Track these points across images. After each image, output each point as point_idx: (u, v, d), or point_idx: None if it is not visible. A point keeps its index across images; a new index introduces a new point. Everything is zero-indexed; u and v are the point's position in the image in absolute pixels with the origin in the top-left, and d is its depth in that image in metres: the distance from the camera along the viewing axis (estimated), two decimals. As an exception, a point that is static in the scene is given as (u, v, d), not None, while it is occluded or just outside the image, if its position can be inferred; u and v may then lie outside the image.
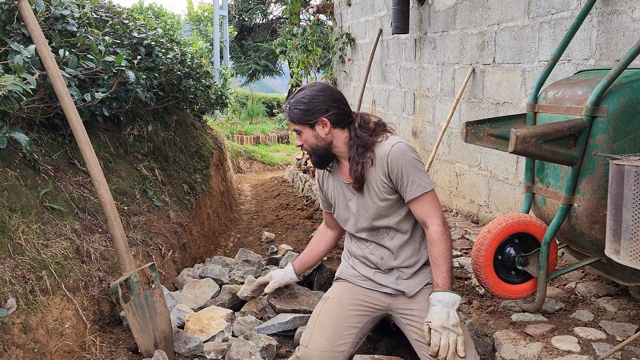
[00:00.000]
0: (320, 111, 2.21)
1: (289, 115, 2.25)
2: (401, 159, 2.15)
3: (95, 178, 2.45)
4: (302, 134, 2.25)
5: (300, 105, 2.22)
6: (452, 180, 4.62)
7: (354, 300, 2.27)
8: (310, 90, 2.24)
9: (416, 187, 2.15)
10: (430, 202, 2.17)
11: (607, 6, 2.76)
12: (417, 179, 2.15)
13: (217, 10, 12.20)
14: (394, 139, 2.22)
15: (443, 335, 2.00)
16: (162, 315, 2.50)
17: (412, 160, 2.16)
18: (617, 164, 1.82)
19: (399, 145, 2.17)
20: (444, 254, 2.12)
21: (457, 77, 4.45)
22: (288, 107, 2.26)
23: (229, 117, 11.53)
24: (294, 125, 2.27)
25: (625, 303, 2.57)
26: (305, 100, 2.21)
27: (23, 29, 2.55)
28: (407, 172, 2.14)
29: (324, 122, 2.22)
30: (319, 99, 2.22)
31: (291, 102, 2.25)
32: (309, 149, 2.27)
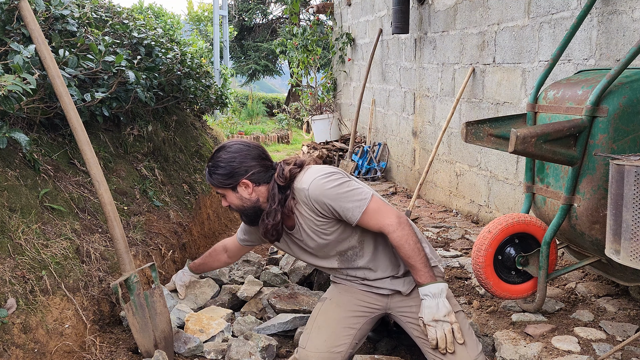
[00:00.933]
0: (239, 173, 2.16)
1: (209, 181, 2.23)
2: (323, 195, 2.08)
3: (95, 178, 2.45)
4: (227, 197, 2.22)
5: (218, 169, 2.17)
6: (452, 180, 4.62)
7: (352, 301, 2.27)
8: (226, 152, 2.18)
9: (352, 211, 2.07)
10: (374, 214, 2.09)
11: (607, 6, 2.76)
12: (349, 203, 2.07)
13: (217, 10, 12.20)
14: (306, 178, 2.14)
15: (437, 328, 2.00)
16: (162, 315, 2.50)
17: (333, 191, 2.08)
18: (617, 164, 1.82)
19: (313, 184, 2.09)
20: (411, 255, 2.06)
21: (457, 77, 4.45)
22: (207, 172, 2.22)
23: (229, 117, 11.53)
24: (216, 189, 2.24)
25: (625, 303, 2.57)
26: (222, 165, 2.17)
27: (23, 29, 2.55)
28: (335, 203, 2.08)
29: (245, 184, 2.17)
30: (237, 161, 2.17)
31: (209, 165, 2.21)
32: (236, 209, 2.25)
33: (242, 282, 3.18)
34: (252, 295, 2.95)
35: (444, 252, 3.49)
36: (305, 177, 2.14)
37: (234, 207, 2.25)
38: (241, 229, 2.62)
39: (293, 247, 2.34)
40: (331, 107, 8.33)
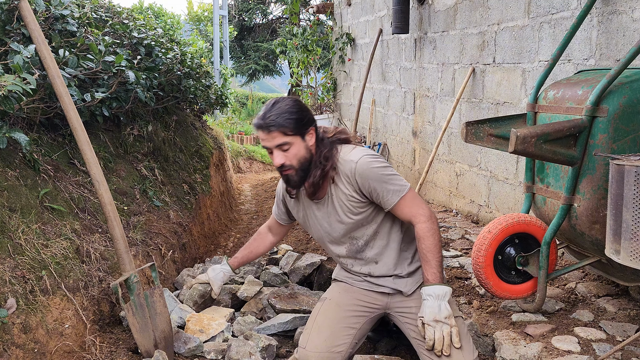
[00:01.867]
0: (310, 121, 2.13)
1: (279, 126, 2.06)
2: (370, 172, 2.09)
3: (95, 178, 2.45)
4: (292, 147, 2.09)
5: (291, 115, 2.07)
6: (452, 180, 4.62)
7: (352, 300, 2.27)
8: (290, 101, 2.12)
9: (392, 194, 2.10)
10: (410, 202, 2.13)
11: (607, 6, 2.76)
12: (391, 186, 2.10)
13: (217, 10, 12.20)
14: (355, 153, 2.15)
15: (437, 329, 1.99)
16: (162, 315, 2.50)
17: (379, 171, 2.10)
18: (617, 164, 1.82)
19: (363, 160, 2.11)
20: (431, 249, 2.09)
21: (457, 77, 4.45)
22: (273, 118, 2.06)
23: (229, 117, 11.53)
24: (282, 138, 2.07)
25: (625, 303, 2.57)
26: (294, 110, 2.09)
27: (23, 28, 2.55)
28: (378, 184, 2.09)
29: (311, 132, 2.14)
30: (305, 109, 2.14)
31: (272, 113, 2.07)
32: (297, 164, 2.12)
33: (242, 282, 3.18)
34: (252, 295, 2.95)
35: (444, 252, 3.49)
36: (354, 152, 2.15)
37: (295, 161, 2.11)
38: (276, 208, 2.54)
39: (310, 220, 2.31)
40: (331, 107, 8.33)
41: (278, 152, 2.10)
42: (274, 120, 2.05)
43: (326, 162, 2.14)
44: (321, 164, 2.14)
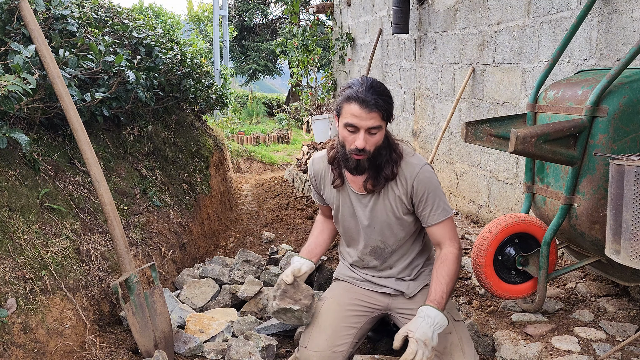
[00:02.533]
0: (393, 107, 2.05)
1: (381, 107, 1.95)
2: (429, 183, 2.08)
3: (95, 178, 2.45)
4: (379, 133, 2.00)
5: (390, 99, 1.98)
6: (452, 180, 4.62)
7: (353, 300, 2.27)
8: (383, 84, 2.01)
9: (440, 212, 2.10)
10: (450, 226, 2.13)
11: (607, 6, 2.76)
12: (442, 203, 2.10)
13: (217, 10, 12.19)
14: (419, 158, 2.13)
15: (421, 350, 1.90)
16: (162, 315, 2.50)
17: (437, 185, 2.11)
18: (617, 164, 1.82)
19: (426, 168, 2.10)
20: (450, 275, 2.05)
21: (457, 77, 4.45)
22: (376, 98, 1.94)
23: (229, 117, 11.53)
24: (378, 121, 1.97)
25: (625, 303, 2.57)
26: (390, 95, 2.00)
27: (23, 29, 2.55)
28: (432, 197, 2.09)
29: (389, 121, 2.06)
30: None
31: (376, 92, 1.95)
32: (373, 150, 2.02)
33: (242, 282, 3.18)
34: (252, 295, 2.95)
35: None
36: (417, 156, 2.13)
37: (373, 147, 2.01)
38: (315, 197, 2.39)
39: (346, 210, 2.23)
40: (331, 107, 8.33)
41: (365, 135, 1.98)
42: (377, 100, 1.94)
43: (399, 159, 2.09)
44: (393, 159, 2.08)
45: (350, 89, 1.98)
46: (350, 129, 1.99)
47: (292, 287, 2.16)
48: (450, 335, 2.09)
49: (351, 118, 1.96)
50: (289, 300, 2.12)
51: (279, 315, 2.13)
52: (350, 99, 1.96)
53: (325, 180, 2.28)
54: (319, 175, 2.30)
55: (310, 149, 7.32)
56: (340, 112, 2.01)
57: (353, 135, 2.00)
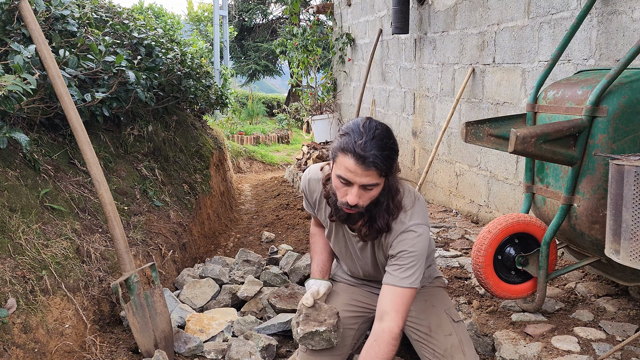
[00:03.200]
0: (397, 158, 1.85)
1: (379, 165, 1.74)
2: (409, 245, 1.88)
3: (96, 178, 2.45)
4: (374, 189, 1.81)
5: (391, 154, 1.78)
6: (452, 180, 4.62)
7: (350, 301, 2.26)
8: (387, 132, 1.80)
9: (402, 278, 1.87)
10: (404, 299, 1.87)
11: (607, 6, 2.76)
12: (411, 271, 1.87)
13: (217, 10, 12.20)
14: (417, 215, 1.92)
15: None
16: (162, 315, 2.50)
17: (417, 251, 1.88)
18: (617, 164, 1.82)
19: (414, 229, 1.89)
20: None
21: (457, 77, 4.45)
22: (376, 154, 1.73)
23: (229, 117, 11.53)
24: (375, 179, 1.77)
25: (625, 303, 2.57)
26: (393, 147, 1.78)
27: (23, 29, 2.55)
28: (405, 259, 1.88)
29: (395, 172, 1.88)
30: (396, 143, 1.83)
31: (375, 147, 1.73)
32: (367, 205, 1.84)
33: (242, 282, 3.18)
34: (252, 295, 2.95)
35: (444, 252, 3.49)
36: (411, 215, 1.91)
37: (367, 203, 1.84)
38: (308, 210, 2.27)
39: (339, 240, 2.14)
40: (331, 107, 8.33)
41: (359, 191, 1.78)
42: (377, 157, 1.72)
43: (397, 211, 1.90)
44: (390, 211, 1.89)
45: (347, 136, 1.76)
46: (343, 181, 1.79)
47: (313, 310, 2.07)
48: (450, 337, 2.09)
49: (345, 172, 1.76)
50: (313, 324, 2.01)
51: (306, 342, 2.01)
52: (345, 150, 1.74)
53: (319, 204, 2.14)
54: (313, 197, 2.15)
55: (310, 149, 7.32)
56: (335, 159, 1.80)
57: (345, 189, 1.80)
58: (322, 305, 2.11)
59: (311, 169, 2.17)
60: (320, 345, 2.03)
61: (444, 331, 2.10)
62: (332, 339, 2.02)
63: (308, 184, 2.15)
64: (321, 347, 2.02)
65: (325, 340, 2.02)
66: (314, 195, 2.14)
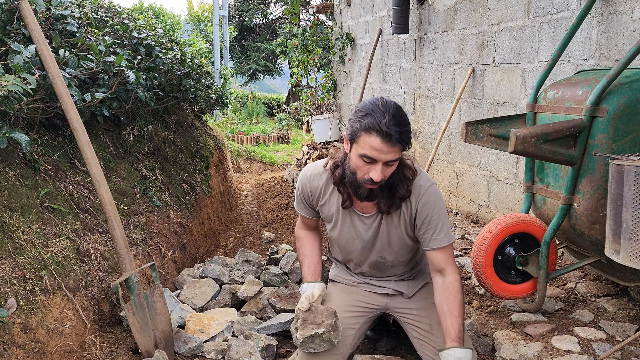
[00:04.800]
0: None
1: (404, 142, 1.86)
2: (434, 205, 2.03)
3: (96, 178, 2.45)
4: (395, 164, 1.91)
5: (409, 127, 1.88)
6: (452, 180, 4.62)
7: (351, 301, 2.27)
8: (399, 106, 1.90)
9: (443, 236, 2.04)
10: (451, 252, 2.08)
11: (607, 6, 2.76)
12: (445, 228, 2.04)
13: (217, 10, 12.20)
14: (425, 178, 2.06)
15: None
16: (162, 315, 2.50)
17: (442, 208, 2.05)
18: (617, 164, 1.82)
19: (432, 189, 2.04)
20: (462, 306, 2.00)
21: (457, 77, 4.45)
22: (400, 131, 1.83)
23: (229, 117, 11.53)
24: (398, 154, 1.88)
25: (625, 303, 2.57)
26: (408, 121, 1.89)
27: (23, 29, 2.55)
28: (436, 220, 2.03)
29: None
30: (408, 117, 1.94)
31: (400, 125, 1.84)
32: (387, 179, 1.94)
33: (242, 282, 3.18)
34: (252, 295, 2.95)
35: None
36: (424, 177, 2.06)
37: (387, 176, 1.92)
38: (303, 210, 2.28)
39: (345, 228, 2.16)
40: (331, 107, 8.33)
41: (382, 167, 1.87)
42: (400, 134, 1.83)
43: (414, 175, 2.02)
44: (406, 177, 2.01)
45: (370, 116, 1.83)
46: (367, 159, 1.87)
47: (310, 313, 2.07)
48: None
49: (370, 151, 1.84)
50: (311, 327, 2.01)
51: (307, 346, 2.01)
52: (370, 129, 1.81)
53: (324, 198, 2.16)
54: (316, 192, 2.17)
55: (310, 149, 7.32)
56: (356, 140, 1.87)
57: (368, 166, 1.88)
58: (318, 307, 2.10)
59: (309, 167, 2.19)
60: (322, 348, 2.02)
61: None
62: (333, 339, 2.02)
63: (310, 180, 2.17)
64: (323, 349, 2.02)
65: (326, 341, 2.02)
66: (317, 191, 2.16)
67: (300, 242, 2.37)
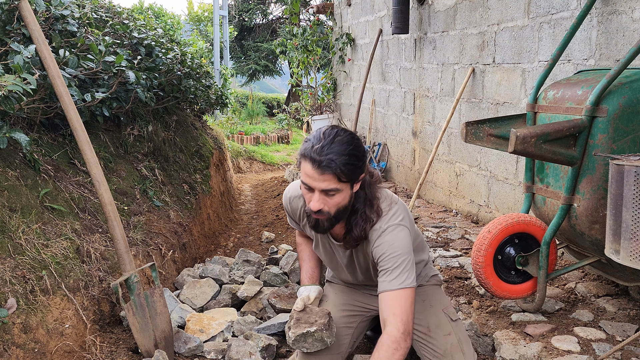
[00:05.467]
0: (364, 166, 1.83)
1: (336, 169, 1.73)
2: (389, 246, 1.86)
3: (96, 178, 2.45)
4: (337, 195, 1.79)
5: (352, 159, 1.75)
6: (452, 180, 4.62)
7: (349, 300, 2.26)
8: (350, 138, 1.78)
9: (393, 279, 1.83)
10: (401, 301, 1.83)
11: (607, 6, 2.76)
12: (399, 272, 1.84)
13: (217, 10, 12.20)
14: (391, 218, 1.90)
15: None
16: (162, 315, 2.50)
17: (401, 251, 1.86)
18: (617, 164, 1.82)
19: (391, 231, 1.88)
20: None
21: (457, 77, 4.45)
22: (332, 158, 1.73)
23: (229, 117, 11.54)
24: (334, 184, 1.76)
25: (625, 303, 2.57)
26: (354, 153, 1.77)
27: (23, 29, 2.55)
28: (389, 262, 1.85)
29: (361, 180, 1.87)
30: (363, 151, 1.81)
31: (332, 151, 1.73)
32: (334, 212, 1.83)
33: (242, 282, 3.18)
34: (252, 295, 2.95)
35: (444, 252, 3.49)
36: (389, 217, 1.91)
37: (334, 210, 1.83)
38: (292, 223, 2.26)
39: (326, 250, 2.14)
40: (331, 107, 8.33)
41: (320, 196, 1.79)
42: (332, 161, 1.72)
43: (375, 217, 1.89)
44: (372, 216, 1.88)
45: (308, 142, 1.78)
46: (305, 186, 1.81)
47: (304, 314, 2.07)
48: (449, 337, 2.09)
49: (304, 177, 1.78)
50: (304, 325, 2.01)
51: (300, 345, 1.99)
52: (304, 155, 1.77)
53: (303, 219, 2.11)
54: (296, 214, 2.15)
55: (310, 149, 7.31)
56: (299, 166, 1.83)
57: (309, 194, 1.81)
58: (313, 308, 2.11)
59: (290, 188, 2.16)
60: (315, 347, 2.01)
61: (443, 331, 2.10)
62: (325, 338, 2.01)
63: (290, 202, 2.15)
64: (316, 349, 2.01)
65: (319, 340, 2.01)
66: (297, 213, 2.15)
67: (299, 247, 2.38)
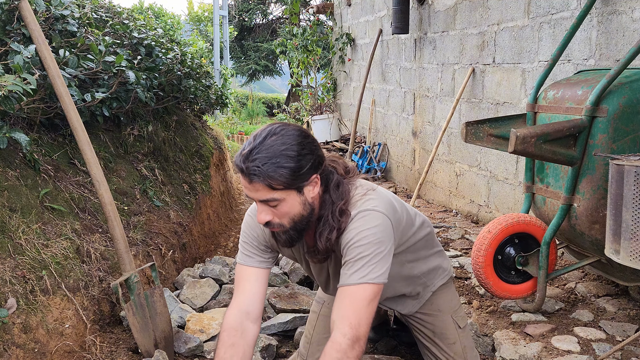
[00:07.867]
0: (313, 167, 1.52)
1: (264, 176, 1.45)
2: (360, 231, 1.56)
3: (96, 178, 2.45)
4: (282, 204, 1.51)
5: (286, 161, 1.46)
6: (452, 180, 4.62)
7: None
8: (290, 137, 1.50)
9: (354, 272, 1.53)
10: (357, 298, 1.52)
11: (607, 6, 2.76)
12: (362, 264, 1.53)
13: (217, 10, 12.20)
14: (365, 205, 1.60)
15: None
16: (162, 315, 2.50)
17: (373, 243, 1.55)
18: (617, 164, 1.82)
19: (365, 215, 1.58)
20: None
21: (457, 77, 4.45)
22: (258, 164, 1.45)
23: (229, 117, 11.53)
24: (267, 193, 1.48)
25: (625, 303, 2.57)
26: (291, 154, 1.47)
27: (23, 29, 2.55)
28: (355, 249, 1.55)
29: (315, 182, 1.56)
30: (307, 150, 1.51)
31: (259, 155, 1.45)
32: (289, 223, 1.56)
33: (242, 282, 3.18)
34: (252, 295, 2.95)
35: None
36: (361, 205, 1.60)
37: (286, 220, 1.56)
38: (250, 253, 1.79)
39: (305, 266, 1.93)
40: (331, 107, 8.33)
41: (263, 207, 1.53)
42: (258, 168, 1.45)
43: (342, 219, 1.58)
44: (336, 222, 1.58)
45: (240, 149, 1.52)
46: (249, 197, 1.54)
47: None
48: (454, 346, 2.04)
49: (243, 189, 1.52)
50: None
51: None
52: (234, 166, 1.51)
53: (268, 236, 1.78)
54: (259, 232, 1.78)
55: (310, 149, 7.31)
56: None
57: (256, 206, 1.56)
58: None
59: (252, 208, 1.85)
60: None
61: (447, 339, 2.03)
62: None
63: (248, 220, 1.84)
64: None
65: None
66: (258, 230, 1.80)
67: (220, 345, 2.09)
